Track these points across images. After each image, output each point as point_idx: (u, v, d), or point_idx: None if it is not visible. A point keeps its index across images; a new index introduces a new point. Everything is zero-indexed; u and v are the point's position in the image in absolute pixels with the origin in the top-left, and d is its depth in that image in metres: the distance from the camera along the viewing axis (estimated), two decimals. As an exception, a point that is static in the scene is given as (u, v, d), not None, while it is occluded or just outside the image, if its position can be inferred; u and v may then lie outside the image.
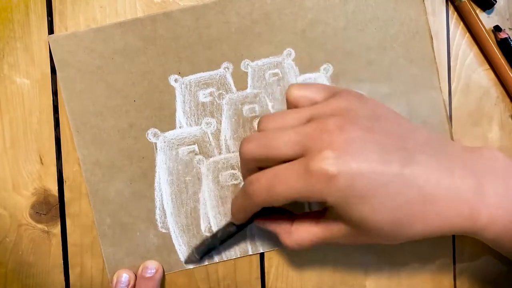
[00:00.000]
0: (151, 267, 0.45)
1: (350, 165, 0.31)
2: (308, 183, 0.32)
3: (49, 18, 0.45)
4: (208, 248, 0.44)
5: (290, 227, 0.39)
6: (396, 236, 0.35)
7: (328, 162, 0.31)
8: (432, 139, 0.36)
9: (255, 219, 0.41)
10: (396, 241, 0.36)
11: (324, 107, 0.35)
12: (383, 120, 0.35)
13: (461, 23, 0.46)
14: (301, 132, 0.34)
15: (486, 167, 0.35)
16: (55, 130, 0.45)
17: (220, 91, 0.45)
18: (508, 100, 0.46)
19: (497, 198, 0.34)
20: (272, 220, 0.40)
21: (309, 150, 0.33)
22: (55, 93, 0.45)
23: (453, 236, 0.46)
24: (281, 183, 0.33)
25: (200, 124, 0.45)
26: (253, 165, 0.37)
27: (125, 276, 0.45)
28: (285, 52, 0.45)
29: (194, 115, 0.45)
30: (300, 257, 0.46)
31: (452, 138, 0.45)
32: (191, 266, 0.46)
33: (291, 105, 0.38)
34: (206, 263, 0.46)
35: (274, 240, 0.45)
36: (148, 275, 0.44)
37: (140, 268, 0.45)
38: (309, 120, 0.35)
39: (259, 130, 0.37)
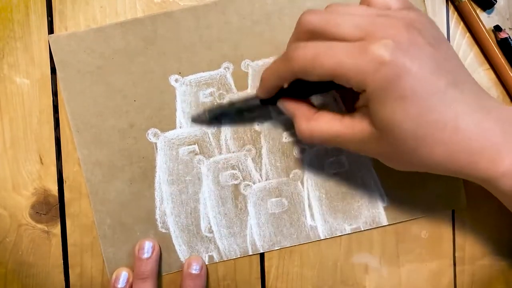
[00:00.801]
0: (148, 249, 0.45)
1: (404, 60, 0.31)
2: (358, 61, 0.32)
3: (49, 18, 0.45)
4: (221, 112, 0.44)
5: (312, 114, 0.38)
6: (413, 153, 0.34)
7: (386, 48, 0.31)
8: (478, 84, 0.36)
9: (279, 99, 0.40)
10: (410, 162, 0.35)
11: (396, 12, 0.35)
12: (445, 45, 0.35)
13: (461, 23, 0.46)
14: (368, 20, 0.33)
15: None
16: (55, 130, 0.45)
17: (221, 91, 0.45)
18: (508, 100, 0.46)
19: None
20: (296, 102, 0.39)
21: (370, 36, 0.32)
22: (55, 93, 0.45)
23: (453, 237, 0.46)
24: (329, 54, 0.33)
25: (200, 124, 0.45)
26: (305, 37, 0.36)
27: (124, 273, 0.45)
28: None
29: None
30: (300, 257, 0.46)
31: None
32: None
33: (365, 2, 0.37)
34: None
35: (274, 241, 0.46)
36: (145, 257, 0.44)
37: (136, 249, 0.45)
38: (378, 16, 0.34)
39: (325, 10, 0.37)
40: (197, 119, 0.45)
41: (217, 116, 0.44)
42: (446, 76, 0.33)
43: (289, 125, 0.45)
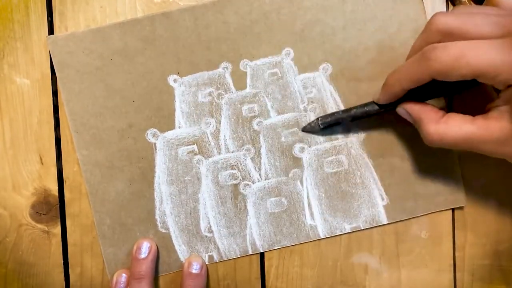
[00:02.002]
0: (145, 249, 0.45)
1: None
2: (507, 57, 0.31)
3: (49, 18, 0.45)
4: (336, 121, 0.44)
5: (441, 117, 0.37)
6: None
7: None
8: None
9: (400, 104, 0.39)
10: None
11: None
12: None
13: (462, 22, 0.46)
14: (506, 19, 0.33)
15: None
16: (55, 130, 0.46)
17: (219, 91, 0.45)
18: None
19: None
20: (420, 106, 0.38)
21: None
22: (55, 93, 0.45)
23: (453, 237, 0.46)
24: (476, 53, 0.32)
25: (199, 124, 0.45)
26: (436, 39, 0.35)
27: (124, 276, 0.45)
28: (284, 52, 0.45)
29: (193, 115, 0.45)
30: (300, 257, 0.46)
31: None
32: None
33: (491, 4, 0.37)
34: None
35: (274, 240, 0.46)
36: (141, 257, 0.44)
37: (134, 249, 0.45)
38: None
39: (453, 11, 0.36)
40: (309, 129, 0.45)
41: (331, 124, 0.44)
42: None
43: (288, 125, 0.45)
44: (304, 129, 0.45)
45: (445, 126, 0.36)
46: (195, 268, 0.45)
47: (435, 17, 0.35)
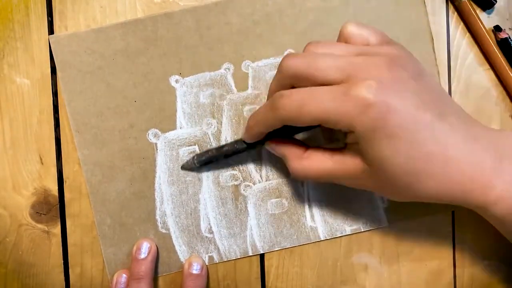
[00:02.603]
0: (145, 250, 0.45)
1: (389, 99, 0.32)
2: (343, 105, 0.32)
3: (49, 18, 0.45)
4: (210, 159, 0.44)
5: (303, 153, 0.38)
6: (407, 188, 0.35)
7: (369, 90, 0.32)
8: (464, 111, 0.37)
9: (266, 141, 0.40)
10: (405, 195, 0.36)
11: (376, 49, 0.35)
12: (427, 78, 0.36)
13: (461, 23, 0.46)
14: (349, 60, 0.34)
15: (508, 147, 0.35)
16: (55, 130, 0.45)
17: (221, 92, 0.45)
18: (508, 100, 0.46)
19: None
20: (285, 143, 0.40)
21: (352, 78, 0.33)
22: (55, 93, 0.45)
23: (453, 237, 0.46)
24: (315, 102, 0.33)
25: (201, 125, 0.45)
26: (287, 82, 0.36)
27: (124, 276, 0.45)
28: (286, 53, 0.45)
29: (194, 116, 0.45)
30: (300, 257, 0.46)
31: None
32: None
33: (342, 39, 0.38)
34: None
35: (274, 241, 0.46)
36: (141, 257, 0.44)
37: (134, 249, 0.45)
38: (358, 55, 0.35)
39: (305, 51, 0.37)
40: (186, 167, 0.45)
41: (206, 162, 0.44)
42: (432, 109, 0.33)
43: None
44: (183, 167, 0.45)
45: (307, 162, 0.38)
46: (195, 269, 0.45)
47: (284, 60, 0.36)
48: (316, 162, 0.37)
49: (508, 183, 0.34)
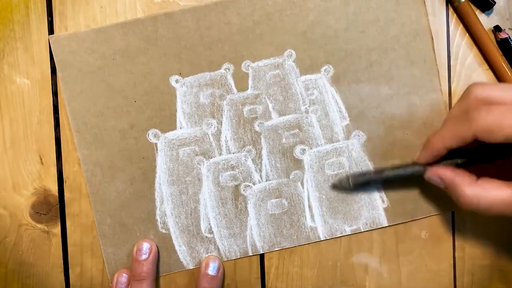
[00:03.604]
0: (145, 250, 0.45)
1: None
2: None
3: (49, 18, 0.45)
4: (367, 181, 0.44)
5: (474, 181, 0.38)
6: None
7: None
8: None
9: (431, 167, 0.40)
10: None
11: None
12: None
13: (461, 24, 0.46)
14: None
15: None
16: (55, 130, 0.45)
17: (221, 92, 0.45)
18: (507, 100, 0.46)
19: None
20: (455, 171, 0.39)
21: None
22: (55, 93, 0.45)
23: (453, 237, 0.46)
24: None
25: (201, 125, 0.45)
26: (474, 106, 0.36)
27: (125, 276, 0.45)
28: (286, 53, 0.45)
29: (194, 116, 0.45)
30: (300, 257, 0.46)
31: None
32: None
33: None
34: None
35: (274, 241, 0.46)
36: (142, 258, 0.44)
37: (134, 250, 0.45)
38: None
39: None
40: (338, 186, 0.45)
41: (362, 184, 0.44)
42: None
43: (289, 126, 0.45)
44: (334, 186, 0.45)
45: (481, 189, 0.37)
46: (211, 270, 0.45)
47: (474, 87, 0.36)
48: (491, 190, 0.36)
49: None
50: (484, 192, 0.36)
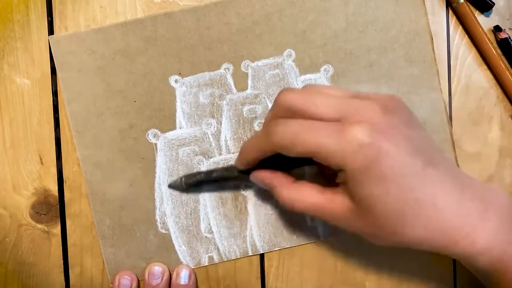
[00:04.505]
0: (157, 275, 0.45)
1: (382, 143, 0.32)
2: (338, 143, 0.32)
3: (49, 18, 0.45)
4: (197, 182, 0.44)
5: (290, 183, 0.39)
6: (393, 231, 0.35)
7: (364, 132, 0.32)
8: (451, 161, 0.38)
9: (253, 171, 0.40)
10: (392, 239, 0.36)
11: (370, 94, 0.36)
12: (419, 127, 0.37)
13: (460, 25, 0.46)
14: (346, 102, 0.35)
15: (493, 198, 0.36)
16: (55, 130, 0.45)
17: (221, 92, 0.45)
18: (507, 100, 0.46)
19: (498, 229, 0.35)
20: (273, 174, 0.39)
21: (347, 118, 0.33)
22: (55, 93, 0.45)
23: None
24: (309, 133, 0.33)
25: (201, 125, 0.45)
26: (283, 114, 0.36)
27: (127, 278, 0.45)
28: (285, 53, 0.45)
29: (194, 116, 0.45)
30: (300, 257, 0.46)
31: (452, 139, 0.45)
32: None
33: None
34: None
35: (274, 242, 0.46)
36: (154, 283, 0.44)
37: (146, 274, 0.45)
38: (353, 98, 0.35)
39: (302, 90, 0.38)
40: (174, 186, 0.45)
41: (193, 185, 0.45)
42: (422, 156, 0.34)
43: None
44: (170, 186, 0.45)
45: (296, 192, 0.38)
46: (183, 279, 0.45)
47: (281, 93, 0.36)
48: (305, 194, 0.37)
49: (493, 235, 0.35)
50: (297, 196, 0.37)
